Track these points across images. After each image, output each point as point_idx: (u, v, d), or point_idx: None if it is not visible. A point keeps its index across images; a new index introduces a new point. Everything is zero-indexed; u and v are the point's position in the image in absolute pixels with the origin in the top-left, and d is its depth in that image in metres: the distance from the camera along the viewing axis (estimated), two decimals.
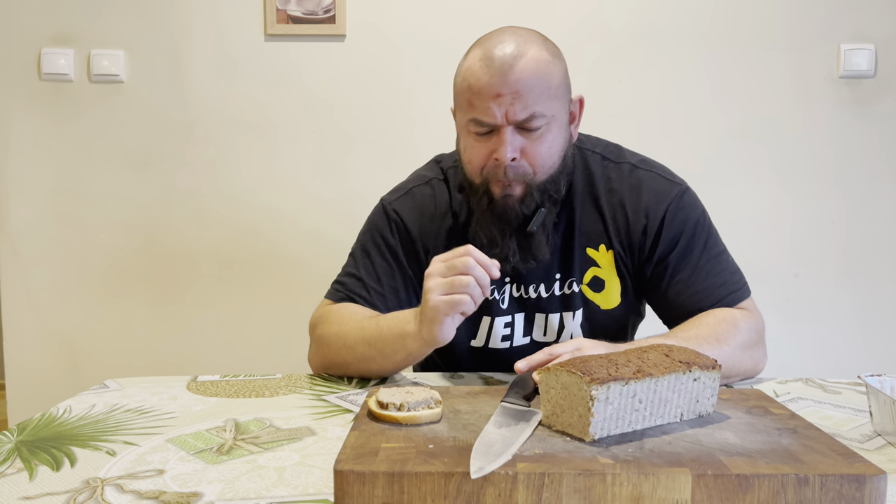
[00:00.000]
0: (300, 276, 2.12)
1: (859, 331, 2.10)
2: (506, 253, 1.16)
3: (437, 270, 1.01)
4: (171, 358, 2.15)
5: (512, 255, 1.16)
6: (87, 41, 2.09)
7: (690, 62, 2.06)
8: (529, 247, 1.16)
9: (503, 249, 1.15)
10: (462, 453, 0.68)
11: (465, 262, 0.99)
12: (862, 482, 0.64)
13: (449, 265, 1.00)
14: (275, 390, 1.09)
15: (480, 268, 0.99)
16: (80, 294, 2.15)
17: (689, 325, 1.13)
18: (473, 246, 1.01)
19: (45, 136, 2.11)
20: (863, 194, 2.08)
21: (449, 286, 0.99)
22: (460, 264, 0.99)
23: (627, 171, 1.22)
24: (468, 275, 0.98)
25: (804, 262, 2.10)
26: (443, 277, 1.00)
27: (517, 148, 1.10)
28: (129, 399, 1.04)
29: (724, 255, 1.22)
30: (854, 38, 2.04)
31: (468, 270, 0.99)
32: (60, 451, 0.84)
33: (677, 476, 0.64)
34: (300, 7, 2.05)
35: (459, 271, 0.99)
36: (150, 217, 2.13)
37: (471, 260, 0.99)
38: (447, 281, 0.99)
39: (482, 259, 1.00)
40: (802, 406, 1.02)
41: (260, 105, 2.11)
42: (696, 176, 1.33)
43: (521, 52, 1.08)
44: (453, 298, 0.99)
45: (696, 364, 0.79)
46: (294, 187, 2.13)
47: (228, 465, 0.79)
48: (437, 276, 1.00)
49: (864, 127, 2.06)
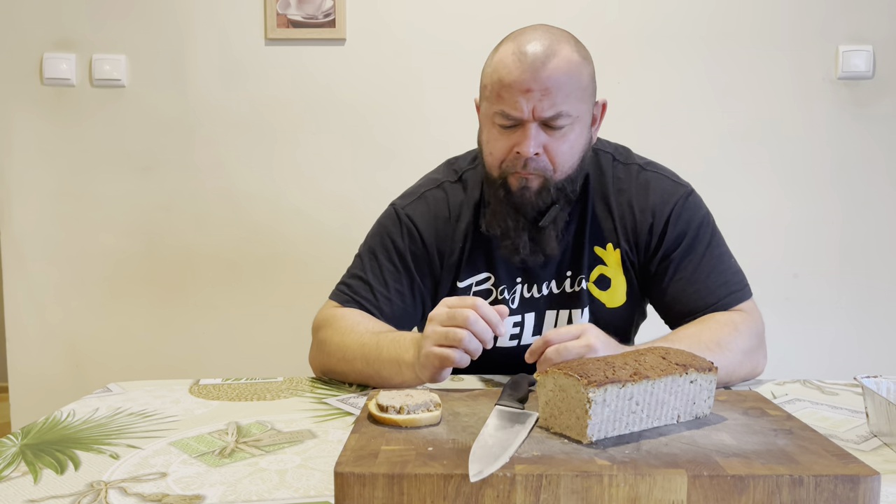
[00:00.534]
0: (302, 279, 2.13)
1: (857, 331, 2.11)
2: (517, 245, 1.17)
3: (438, 317, 0.99)
4: (174, 360, 2.16)
5: (523, 247, 1.17)
6: (89, 46, 2.10)
7: (689, 64, 2.07)
8: (540, 241, 1.17)
9: (515, 241, 1.17)
10: (461, 455, 0.69)
11: (464, 316, 0.96)
12: (856, 483, 0.65)
13: (450, 314, 0.97)
14: (276, 393, 1.10)
15: (483, 322, 0.96)
16: (82, 297, 2.16)
17: (690, 328, 1.13)
18: (478, 304, 0.97)
19: (48, 140, 2.13)
20: (861, 195, 2.09)
21: (444, 337, 0.97)
22: (460, 317, 0.96)
23: (636, 172, 1.24)
24: (466, 329, 0.96)
25: (803, 262, 2.11)
26: (442, 326, 0.98)
27: (540, 144, 1.12)
28: (131, 402, 1.05)
29: (726, 256, 1.23)
30: (852, 39, 2.05)
31: (467, 325, 0.96)
32: (64, 455, 0.85)
33: (673, 477, 0.65)
34: (300, 11, 2.06)
35: (458, 323, 0.96)
36: (152, 220, 2.14)
37: (472, 315, 0.96)
38: (443, 332, 0.97)
39: (487, 314, 0.97)
40: (800, 407, 1.03)
41: (261, 108, 2.12)
42: (696, 176, 1.34)
43: (554, 50, 1.10)
44: (444, 353, 0.97)
45: (692, 366, 0.80)
46: (295, 190, 2.13)
47: (230, 468, 0.80)
48: (437, 325, 0.98)
49: (862, 128, 2.07)
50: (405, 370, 1.05)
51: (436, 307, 1.01)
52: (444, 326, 0.98)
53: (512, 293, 1.24)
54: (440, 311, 0.99)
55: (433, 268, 1.24)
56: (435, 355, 0.98)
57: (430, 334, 0.98)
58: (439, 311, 0.99)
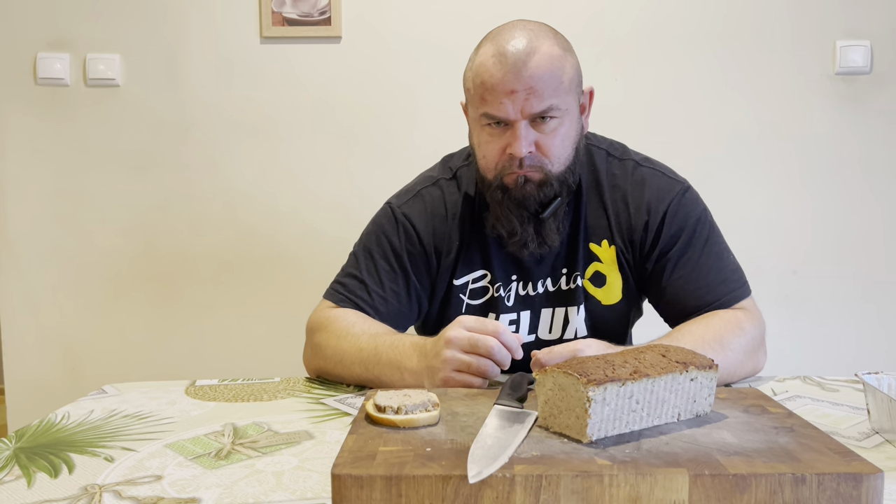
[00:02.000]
0: (298, 278, 2.12)
1: (857, 327, 2.10)
2: (525, 240, 1.16)
3: (458, 342, 0.98)
4: (170, 360, 2.15)
5: (531, 240, 1.16)
6: (83, 45, 2.08)
7: (686, 60, 2.07)
8: (542, 233, 1.16)
9: (522, 236, 1.16)
10: (460, 456, 0.68)
11: (488, 345, 0.96)
12: (859, 480, 0.64)
13: (472, 342, 0.97)
14: (273, 394, 1.09)
15: (504, 350, 0.97)
16: (78, 298, 2.15)
17: (693, 326, 1.12)
18: (501, 328, 0.98)
19: (42, 140, 2.11)
20: (859, 190, 2.08)
21: (466, 366, 0.97)
22: (483, 346, 0.96)
23: (631, 168, 1.23)
24: (490, 359, 0.97)
25: (802, 259, 2.10)
26: (462, 353, 0.97)
27: (531, 142, 1.11)
28: (127, 404, 1.04)
29: (725, 252, 1.22)
30: (849, 34, 2.04)
31: (491, 354, 0.97)
32: (58, 458, 0.84)
33: (674, 476, 0.64)
34: (295, 9, 2.05)
35: (482, 353, 0.97)
36: (147, 220, 2.13)
37: (496, 344, 0.96)
38: (466, 360, 0.97)
39: (509, 341, 0.98)
40: (801, 404, 1.02)
41: (256, 107, 2.11)
42: (693, 173, 1.34)
43: (534, 47, 1.09)
44: (467, 380, 0.98)
45: (693, 364, 0.79)
46: (291, 189, 2.12)
47: (227, 470, 0.79)
48: (457, 350, 0.98)
49: (860, 123, 2.06)
50: (406, 376, 1.04)
51: (453, 327, 1.00)
52: (465, 353, 0.97)
53: (507, 290, 1.23)
54: (461, 336, 0.98)
55: (430, 267, 1.23)
56: (456, 381, 0.98)
57: (450, 359, 0.98)
58: (459, 334, 0.98)
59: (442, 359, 0.98)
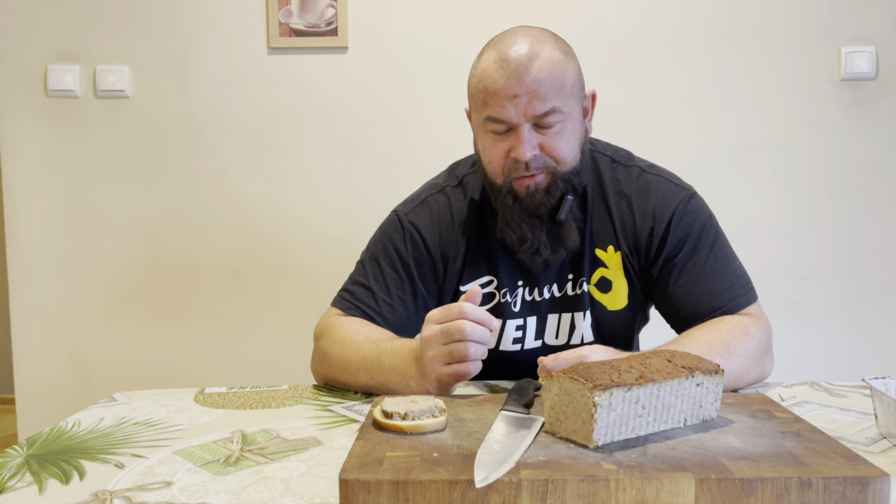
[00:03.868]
0: (306, 287, 2.13)
1: (865, 333, 2.10)
2: (536, 247, 1.16)
3: (433, 338, 0.98)
4: (179, 369, 2.17)
5: (543, 248, 1.16)
6: (93, 57, 2.11)
7: (692, 66, 2.07)
8: (560, 236, 1.17)
9: (533, 244, 1.16)
10: (466, 461, 0.69)
11: (460, 329, 0.96)
12: (865, 484, 0.64)
13: (445, 331, 0.97)
14: (281, 401, 1.10)
15: (479, 328, 0.96)
16: (88, 307, 2.16)
17: (699, 331, 1.11)
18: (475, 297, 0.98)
19: (52, 151, 2.13)
20: (866, 196, 2.08)
21: (449, 356, 0.97)
22: (456, 330, 0.96)
23: (636, 175, 1.23)
24: (466, 341, 0.96)
25: (809, 265, 2.10)
26: (441, 345, 0.97)
27: (535, 145, 1.12)
28: (137, 412, 1.05)
29: (731, 258, 1.22)
30: (855, 40, 2.04)
31: (465, 336, 0.96)
32: (69, 465, 0.85)
33: (681, 481, 0.64)
34: (302, 20, 2.07)
35: (456, 338, 0.96)
36: (156, 230, 2.15)
37: (467, 325, 0.96)
38: (446, 350, 0.97)
39: (479, 316, 0.97)
40: (808, 410, 1.02)
41: (264, 117, 2.12)
42: (699, 179, 1.34)
43: (536, 52, 1.10)
44: (456, 370, 0.97)
45: (699, 369, 0.80)
46: (299, 198, 2.14)
47: (235, 476, 0.80)
48: (436, 344, 0.98)
49: (866, 129, 2.06)
50: (412, 383, 1.04)
51: (424, 328, 1.00)
52: (443, 345, 0.97)
53: (514, 296, 1.24)
54: (433, 331, 0.98)
55: (437, 273, 1.24)
56: (447, 375, 0.98)
57: (433, 357, 0.98)
58: (430, 330, 0.98)
59: (427, 360, 0.99)
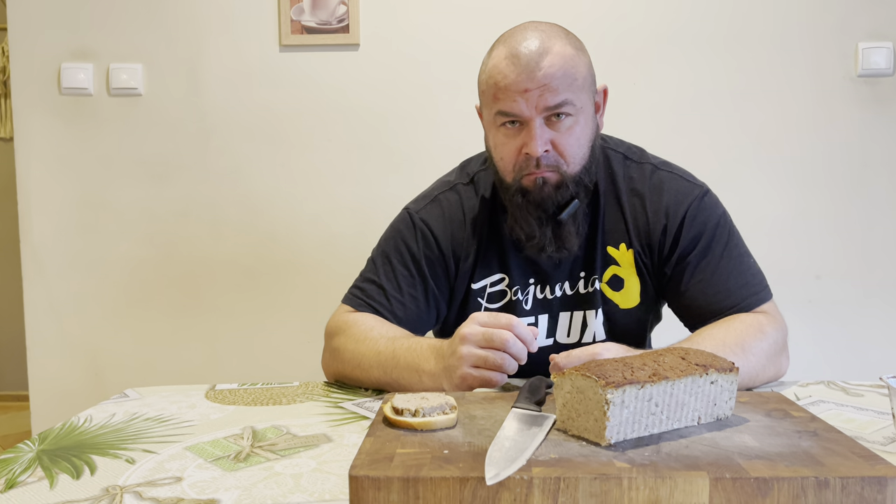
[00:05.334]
0: (318, 284, 2.13)
1: (882, 332, 2.07)
2: (543, 243, 1.16)
3: (473, 337, 0.98)
4: (192, 366, 2.17)
5: (548, 243, 1.16)
6: (106, 56, 2.12)
7: (707, 63, 2.05)
8: (560, 236, 1.16)
9: (540, 240, 1.16)
10: (477, 458, 0.68)
11: (503, 339, 0.96)
12: (884, 484, 0.63)
13: (487, 336, 0.97)
14: (292, 398, 1.10)
15: (520, 344, 0.97)
16: (101, 305, 2.17)
17: (714, 329, 1.10)
18: (516, 322, 0.98)
19: (66, 149, 2.15)
20: (883, 194, 2.05)
21: (483, 361, 0.97)
22: (498, 339, 0.96)
23: (649, 172, 1.22)
24: (504, 351, 0.96)
25: (826, 264, 2.07)
26: (478, 347, 0.97)
27: (546, 141, 1.11)
28: (148, 408, 1.05)
29: (745, 256, 1.21)
30: (871, 36, 2.02)
31: (506, 347, 0.96)
32: (80, 460, 0.85)
33: (695, 480, 0.63)
34: (314, 17, 2.07)
35: (496, 346, 0.96)
36: (169, 227, 2.16)
37: (510, 337, 0.96)
38: (482, 355, 0.97)
39: (523, 334, 0.97)
40: (824, 409, 1.00)
41: (276, 114, 2.12)
42: (715, 177, 1.33)
43: (547, 48, 1.09)
44: (484, 375, 0.97)
45: (713, 367, 0.78)
46: (310, 195, 2.14)
47: (245, 472, 0.80)
48: (473, 346, 0.97)
49: (884, 126, 2.04)
50: (425, 379, 1.04)
51: (467, 324, 1.00)
52: (480, 348, 0.97)
53: (525, 294, 1.23)
54: (475, 331, 0.98)
55: (448, 271, 1.23)
56: (474, 378, 0.98)
57: (467, 355, 0.98)
58: (473, 330, 0.98)
59: (458, 356, 0.98)
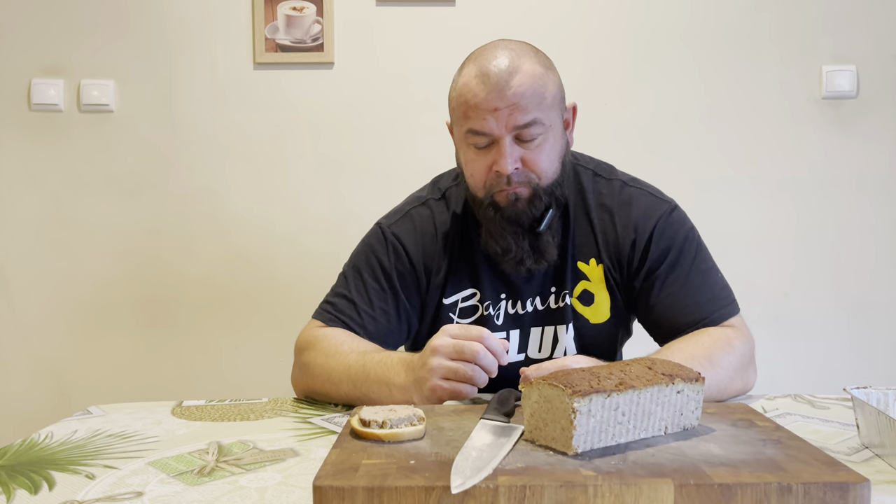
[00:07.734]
0: (289, 302, 2.11)
1: (849, 349, 2.10)
2: (521, 256, 1.16)
3: (444, 349, 0.98)
4: (161, 386, 2.13)
5: (527, 257, 1.16)
6: (77, 71, 2.10)
7: (676, 84, 2.09)
8: (539, 247, 1.16)
9: (517, 253, 1.16)
10: (444, 468, 0.68)
11: (473, 351, 0.96)
12: (845, 490, 0.63)
13: (458, 348, 0.97)
14: (260, 414, 1.08)
15: (490, 356, 0.97)
16: (68, 322, 2.13)
17: (682, 343, 1.11)
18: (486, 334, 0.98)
19: (35, 165, 2.12)
20: (848, 213, 2.09)
21: (453, 372, 0.97)
22: (469, 351, 0.96)
23: (618, 188, 1.24)
24: (475, 363, 0.96)
25: (794, 281, 2.10)
26: (449, 359, 0.97)
27: (517, 159, 1.12)
28: (111, 424, 1.03)
29: (713, 271, 1.22)
30: (835, 59, 2.07)
31: (476, 359, 0.96)
32: (39, 475, 0.83)
33: (660, 487, 0.63)
34: (288, 36, 2.07)
35: (467, 358, 0.97)
36: (138, 244, 2.13)
37: (481, 349, 0.96)
38: (453, 367, 0.97)
39: (494, 346, 0.98)
40: (791, 421, 1.01)
41: (249, 132, 2.12)
42: (685, 196, 1.34)
43: (516, 66, 1.10)
44: (455, 388, 0.97)
45: (679, 376, 0.79)
46: (283, 213, 2.13)
47: (209, 487, 0.78)
48: (443, 357, 0.98)
49: (848, 147, 2.08)
50: (395, 392, 1.03)
51: (438, 336, 1.00)
52: (451, 360, 0.97)
53: (497, 309, 1.23)
54: (445, 343, 0.98)
55: (420, 285, 1.23)
56: (444, 390, 0.98)
57: (437, 367, 0.97)
58: (444, 341, 0.98)
59: (428, 367, 0.98)
